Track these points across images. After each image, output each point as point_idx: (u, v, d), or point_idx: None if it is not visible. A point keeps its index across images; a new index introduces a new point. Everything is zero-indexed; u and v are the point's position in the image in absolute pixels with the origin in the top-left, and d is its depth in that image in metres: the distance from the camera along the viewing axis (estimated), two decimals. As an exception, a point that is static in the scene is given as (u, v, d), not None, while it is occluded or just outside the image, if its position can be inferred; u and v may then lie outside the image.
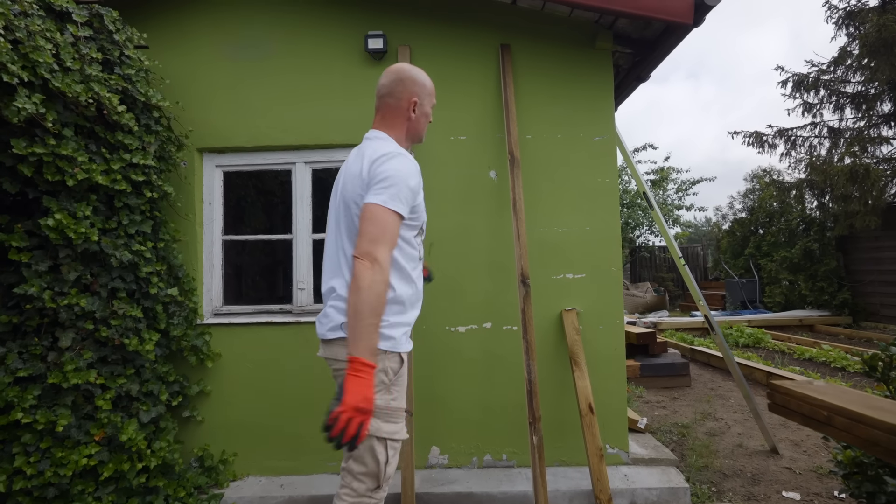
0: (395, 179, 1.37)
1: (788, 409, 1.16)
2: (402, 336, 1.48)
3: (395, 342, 1.44)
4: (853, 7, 8.75)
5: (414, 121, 1.60)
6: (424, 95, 1.61)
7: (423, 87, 1.60)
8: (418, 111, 1.59)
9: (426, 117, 1.63)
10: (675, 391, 4.71)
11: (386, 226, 1.34)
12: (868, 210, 7.94)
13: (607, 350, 2.75)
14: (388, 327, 1.43)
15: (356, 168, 1.49)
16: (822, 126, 9.34)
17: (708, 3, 2.57)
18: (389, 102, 1.58)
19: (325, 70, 2.87)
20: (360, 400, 1.19)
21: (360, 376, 1.21)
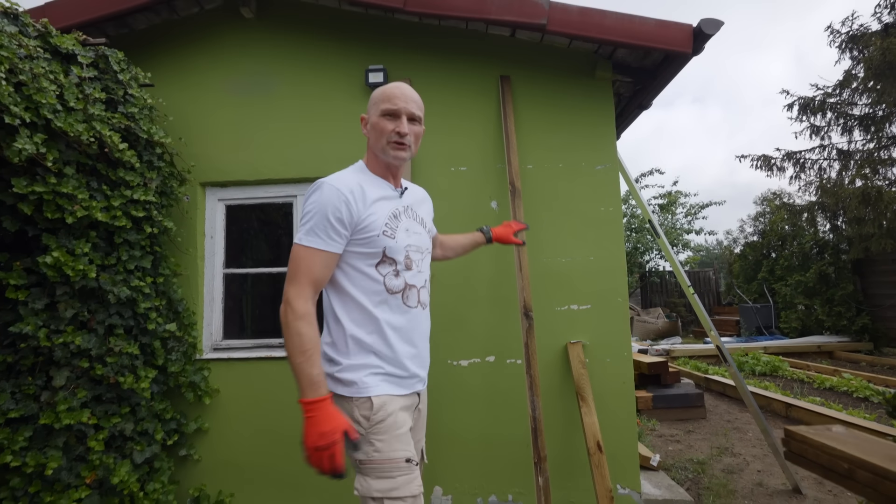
0: (312, 212, 1.31)
1: (806, 458, 1.09)
2: (369, 378, 1.33)
3: (359, 387, 1.32)
4: (856, 31, 8.80)
5: (370, 137, 1.47)
6: (371, 107, 1.47)
7: (371, 102, 1.48)
8: (369, 126, 1.47)
9: (379, 129, 1.42)
10: (690, 423, 4.53)
11: (297, 263, 1.29)
12: (883, 233, 7.78)
13: (615, 384, 2.66)
14: (345, 370, 1.34)
15: None
16: (830, 148, 9.27)
17: (706, 31, 2.58)
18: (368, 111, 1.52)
19: (326, 103, 2.91)
20: (316, 439, 1.15)
21: (309, 416, 1.18)
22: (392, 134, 1.40)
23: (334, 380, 1.35)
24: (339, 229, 1.31)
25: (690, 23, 2.62)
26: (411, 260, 1.42)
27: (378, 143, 1.43)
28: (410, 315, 1.42)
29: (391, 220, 1.39)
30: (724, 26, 2.56)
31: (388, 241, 1.37)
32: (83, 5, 2.68)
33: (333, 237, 1.30)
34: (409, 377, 1.42)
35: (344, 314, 1.37)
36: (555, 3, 2.65)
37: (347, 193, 1.32)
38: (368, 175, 1.45)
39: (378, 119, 1.42)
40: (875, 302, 8.73)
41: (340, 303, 1.38)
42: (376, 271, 1.37)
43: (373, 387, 1.33)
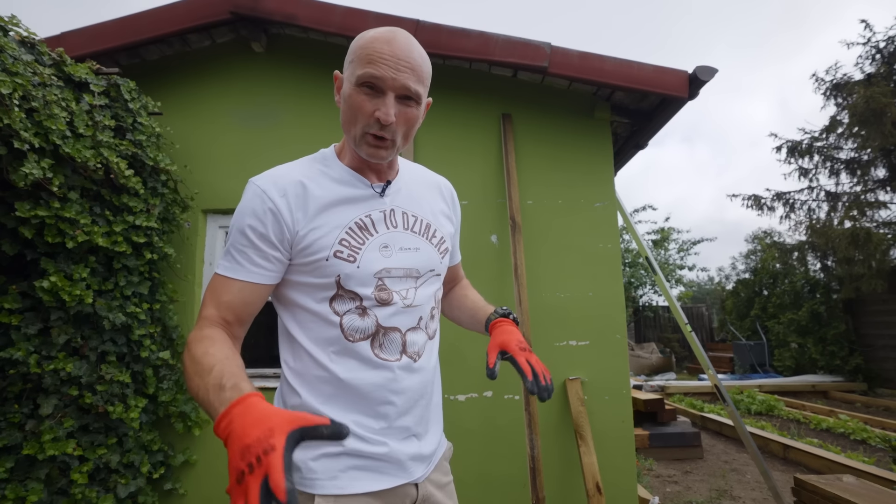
0: (231, 225, 0.94)
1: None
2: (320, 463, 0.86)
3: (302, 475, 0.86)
4: (839, 80, 9.16)
5: (341, 109, 0.95)
6: (348, 63, 0.93)
7: (349, 53, 0.93)
8: (343, 92, 0.94)
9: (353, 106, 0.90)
10: (687, 463, 4.45)
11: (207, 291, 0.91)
12: (873, 273, 7.89)
13: (614, 422, 2.62)
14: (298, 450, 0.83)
15: None
16: (818, 190, 9.50)
17: (702, 78, 2.68)
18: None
19: (331, 135, 2.96)
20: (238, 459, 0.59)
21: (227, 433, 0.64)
22: (370, 121, 0.89)
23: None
24: (262, 249, 0.89)
25: (686, 69, 2.73)
26: (390, 291, 0.93)
27: (347, 126, 0.94)
28: (385, 372, 0.91)
29: (351, 235, 0.92)
30: (717, 73, 2.66)
31: (343, 267, 0.90)
32: (98, 36, 2.75)
33: (255, 260, 0.89)
34: (388, 461, 0.90)
35: (295, 374, 0.93)
36: (556, 47, 2.76)
37: (277, 198, 0.90)
38: (332, 166, 1.00)
39: (351, 88, 0.90)
40: (867, 342, 8.77)
41: (291, 354, 0.95)
42: (330, 309, 0.91)
43: (323, 480, 0.86)
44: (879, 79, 8.56)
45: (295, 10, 2.82)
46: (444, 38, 2.78)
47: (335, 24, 2.82)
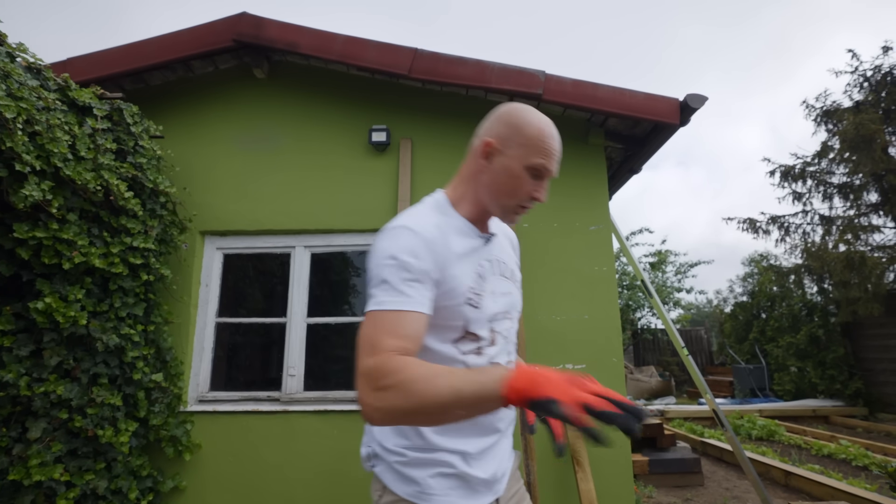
0: (376, 268, 0.93)
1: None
2: (432, 481, 0.96)
3: (421, 489, 0.95)
4: (829, 107, 9.35)
5: (488, 173, 1.03)
6: (513, 142, 1.00)
7: (514, 131, 1.01)
8: (496, 161, 1.02)
9: (512, 178, 1.00)
10: (688, 490, 4.37)
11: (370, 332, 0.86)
12: (869, 297, 7.90)
13: (611, 449, 2.59)
14: (408, 466, 0.97)
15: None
16: (812, 214, 9.58)
17: (692, 105, 2.74)
18: (471, 143, 1.10)
19: (329, 159, 3.00)
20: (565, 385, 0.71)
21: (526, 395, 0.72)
22: (527, 198, 1.02)
23: (391, 470, 0.99)
24: (424, 283, 0.92)
25: (677, 97, 2.80)
26: (496, 333, 1.04)
27: (495, 194, 1.03)
28: None
29: (477, 283, 1.00)
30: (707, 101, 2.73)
31: (471, 312, 0.98)
32: (103, 62, 2.81)
33: (422, 292, 0.91)
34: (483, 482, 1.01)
35: None
36: (550, 75, 2.83)
37: (429, 239, 0.95)
38: (451, 216, 1.05)
39: (519, 168, 1.00)
40: (866, 366, 8.72)
41: None
42: (456, 349, 0.99)
43: (439, 495, 0.96)
44: (868, 106, 8.74)
45: (297, 38, 2.90)
46: (441, 66, 2.86)
47: (336, 52, 2.89)
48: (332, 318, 2.89)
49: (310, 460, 2.59)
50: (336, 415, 2.65)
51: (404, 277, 0.90)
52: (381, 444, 1.02)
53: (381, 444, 1.02)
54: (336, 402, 2.69)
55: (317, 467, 2.59)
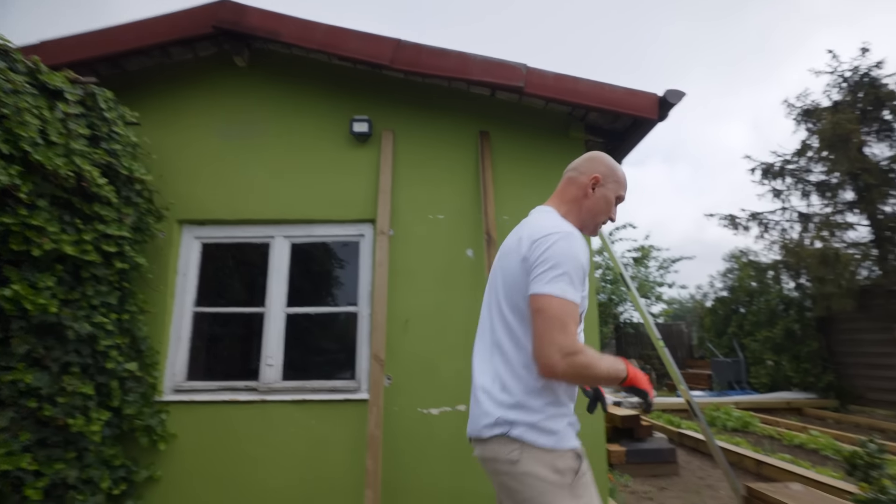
0: (561, 261, 1.22)
1: (764, 515, 1.09)
2: (566, 429, 1.28)
3: (559, 437, 1.24)
4: (809, 106, 9.53)
5: (591, 199, 1.43)
6: (610, 178, 1.45)
7: (611, 171, 1.47)
8: (598, 190, 1.43)
9: (607, 204, 1.44)
10: (663, 479, 4.47)
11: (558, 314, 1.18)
12: (843, 293, 8.11)
13: (587, 437, 2.62)
14: (547, 419, 1.25)
15: (513, 245, 1.39)
16: (791, 211, 9.79)
17: (670, 100, 2.78)
18: (571, 176, 1.50)
19: (310, 149, 2.98)
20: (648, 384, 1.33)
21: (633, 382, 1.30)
22: (608, 218, 1.47)
23: (533, 428, 1.24)
24: (581, 283, 1.26)
25: (656, 92, 2.83)
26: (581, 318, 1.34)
27: (593, 215, 1.45)
28: None
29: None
30: (685, 97, 2.77)
31: (584, 304, 1.31)
32: (77, 46, 2.75)
33: (583, 287, 1.27)
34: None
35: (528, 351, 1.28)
36: (532, 69, 2.84)
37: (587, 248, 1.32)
38: None
39: (612, 198, 1.46)
40: (839, 359, 8.96)
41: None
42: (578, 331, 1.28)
43: (573, 438, 1.29)
44: (845, 106, 8.93)
45: (278, 26, 2.87)
46: (423, 57, 2.85)
47: (318, 41, 2.86)
48: (312, 308, 2.88)
49: (287, 449, 2.59)
50: (314, 404, 2.66)
51: (580, 276, 1.25)
52: (528, 410, 1.26)
53: (528, 411, 1.26)
54: (315, 391, 2.69)
55: (294, 456, 2.59)
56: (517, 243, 1.36)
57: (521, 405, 1.26)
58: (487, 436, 1.28)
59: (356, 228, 2.92)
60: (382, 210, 2.79)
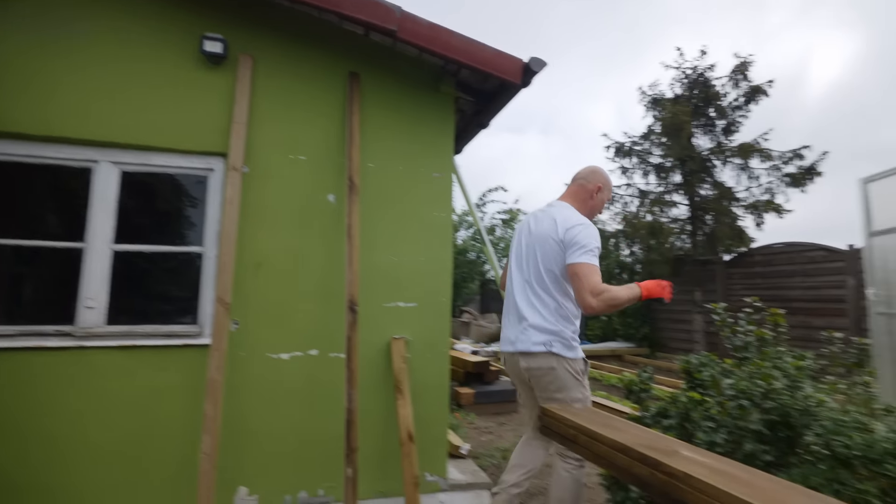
0: (593, 242, 2.08)
1: (551, 430, 1.30)
2: (578, 346, 2.19)
3: (576, 351, 2.17)
4: (656, 95, 10.84)
5: (594, 201, 2.36)
6: (606, 188, 2.40)
7: (606, 182, 2.40)
8: (598, 196, 2.36)
9: (602, 204, 2.40)
10: (504, 417, 5.04)
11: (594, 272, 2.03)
12: (662, 260, 9.68)
13: (433, 378, 2.84)
14: (573, 340, 2.16)
15: (548, 229, 2.21)
16: (633, 187, 11.22)
17: (534, 68, 2.93)
18: (583, 184, 2.37)
19: (150, 63, 2.58)
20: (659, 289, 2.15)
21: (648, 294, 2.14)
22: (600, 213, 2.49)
23: (567, 345, 2.14)
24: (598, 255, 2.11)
25: (522, 58, 2.96)
26: None
27: (593, 211, 2.39)
28: None
29: None
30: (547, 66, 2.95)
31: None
32: None
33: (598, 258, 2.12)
34: None
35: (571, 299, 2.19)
36: (407, 14, 2.76)
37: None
38: None
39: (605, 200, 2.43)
40: (654, 315, 10.81)
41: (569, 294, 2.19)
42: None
43: (581, 352, 2.19)
44: (683, 100, 10.34)
45: None
46: (289, -23, 2.59)
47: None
48: (146, 246, 2.58)
49: (115, 399, 2.36)
50: (148, 350, 2.44)
51: (599, 250, 2.08)
52: (560, 335, 2.14)
53: (560, 336, 2.14)
54: (148, 336, 2.46)
55: (124, 406, 2.37)
56: (553, 228, 2.19)
57: (554, 332, 2.13)
58: (535, 351, 2.12)
59: (204, 161, 2.65)
60: (236, 143, 2.56)
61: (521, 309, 2.20)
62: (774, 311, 1.77)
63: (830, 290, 7.54)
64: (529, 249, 2.27)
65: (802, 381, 1.50)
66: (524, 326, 2.16)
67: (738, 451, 1.44)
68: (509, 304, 2.32)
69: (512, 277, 2.32)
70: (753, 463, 1.43)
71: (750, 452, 1.42)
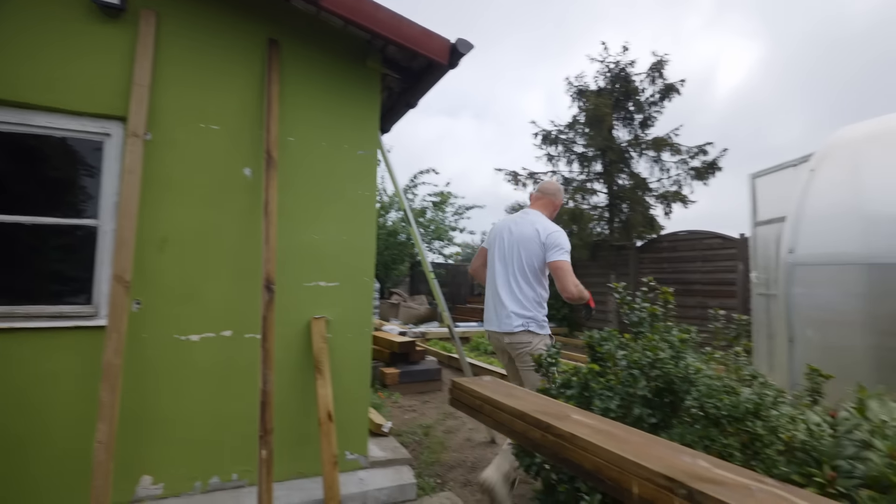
0: (566, 245, 2.78)
1: (460, 402, 1.36)
2: (547, 325, 2.80)
3: (546, 329, 2.79)
4: (582, 87, 11.31)
5: (556, 211, 3.08)
6: (562, 201, 3.15)
7: (563, 198, 3.16)
8: (559, 206, 3.12)
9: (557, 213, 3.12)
10: (428, 395, 5.15)
11: (569, 270, 2.72)
12: (582, 245, 10.24)
13: (355, 358, 2.83)
14: (544, 321, 2.80)
15: (530, 233, 2.81)
16: (558, 174, 11.71)
17: (460, 49, 2.94)
18: (549, 198, 3.05)
19: (33, 15, 2.27)
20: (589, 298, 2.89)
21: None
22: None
23: (540, 325, 2.77)
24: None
25: (450, 39, 2.96)
26: None
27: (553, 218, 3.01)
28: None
29: None
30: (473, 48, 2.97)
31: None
32: None
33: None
34: None
35: (544, 288, 2.85)
36: (331, -20, 2.65)
37: None
38: None
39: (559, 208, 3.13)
40: (573, 297, 11.46)
41: (544, 282, 2.85)
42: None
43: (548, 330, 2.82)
44: (606, 93, 10.88)
45: None
46: (199, -72, 2.38)
47: None
48: (31, 217, 2.31)
49: (-12, 387, 2.11)
50: (31, 334, 2.20)
51: (569, 250, 2.80)
52: (535, 318, 2.75)
53: (535, 319, 2.74)
54: (31, 318, 2.22)
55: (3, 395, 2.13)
56: (535, 232, 2.79)
57: (530, 317, 2.73)
58: (516, 331, 2.71)
59: (99, 125, 2.40)
60: (137, 107, 2.34)
61: (505, 298, 2.77)
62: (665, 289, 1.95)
63: (725, 275, 8.39)
64: (513, 248, 2.83)
65: (685, 352, 1.68)
66: (508, 312, 2.73)
67: (629, 415, 1.59)
68: (494, 292, 2.87)
69: (496, 270, 2.88)
70: (641, 425, 1.59)
71: (638, 416, 1.57)
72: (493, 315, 2.85)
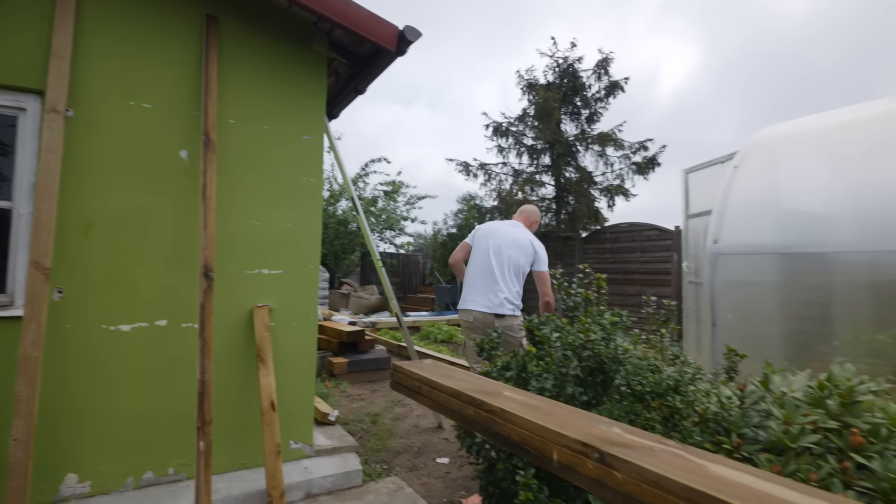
0: (546, 258, 3.45)
1: (401, 384, 1.38)
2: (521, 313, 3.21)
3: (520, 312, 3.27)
4: (532, 80, 11.52)
5: (534, 228, 3.64)
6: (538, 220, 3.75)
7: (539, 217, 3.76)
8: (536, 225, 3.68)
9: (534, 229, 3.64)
10: (377, 384, 5.15)
11: (549, 280, 3.29)
12: (531, 235, 10.51)
13: (299, 346, 2.79)
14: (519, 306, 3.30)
15: (525, 242, 3.40)
16: (508, 166, 11.92)
17: (409, 37, 2.93)
18: (530, 217, 3.67)
19: None
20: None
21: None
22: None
23: (518, 310, 3.30)
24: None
25: (398, 25, 2.94)
26: None
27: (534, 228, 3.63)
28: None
29: None
30: (422, 36, 2.96)
31: None
32: None
33: None
34: None
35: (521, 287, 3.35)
36: (273, -43, 2.55)
37: None
38: None
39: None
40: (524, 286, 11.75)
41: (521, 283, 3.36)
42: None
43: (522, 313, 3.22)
44: (554, 87, 11.14)
45: None
46: None
47: None
48: (-70, 199, 2.10)
49: None
50: (-65, 325, 2.01)
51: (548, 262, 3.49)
52: (518, 306, 3.32)
53: (518, 306, 3.32)
54: (-66, 308, 2.03)
55: None
56: (528, 243, 3.40)
57: (516, 304, 3.27)
58: (508, 314, 3.23)
59: (13, 98, 2.21)
60: (56, 81, 2.17)
61: (501, 286, 3.26)
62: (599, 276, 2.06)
63: (661, 264, 8.89)
64: (509, 248, 3.33)
65: (615, 334, 1.79)
66: (501, 300, 3.23)
67: (562, 394, 1.68)
68: (487, 278, 3.29)
69: (491, 262, 3.30)
70: (573, 403, 1.68)
71: (571, 395, 1.67)
72: (481, 297, 3.27)
